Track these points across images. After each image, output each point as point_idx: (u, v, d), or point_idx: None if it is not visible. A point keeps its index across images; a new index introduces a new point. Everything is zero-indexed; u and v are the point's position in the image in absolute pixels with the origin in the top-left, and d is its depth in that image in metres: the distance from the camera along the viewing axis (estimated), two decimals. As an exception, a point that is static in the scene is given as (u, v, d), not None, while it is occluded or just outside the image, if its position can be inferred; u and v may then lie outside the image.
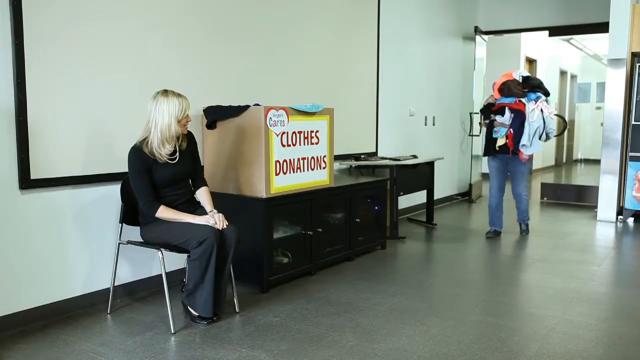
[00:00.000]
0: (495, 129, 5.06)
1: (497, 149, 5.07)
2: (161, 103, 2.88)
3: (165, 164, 2.96)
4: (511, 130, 4.96)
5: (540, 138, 4.98)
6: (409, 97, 6.45)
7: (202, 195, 3.16)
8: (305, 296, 3.51)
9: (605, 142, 6.18)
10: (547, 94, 5.03)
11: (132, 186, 2.95)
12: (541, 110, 4.89)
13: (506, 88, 4.99)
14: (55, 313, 3.08)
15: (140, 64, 3.40)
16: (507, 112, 4.99)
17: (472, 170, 7.77)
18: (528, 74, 5.11)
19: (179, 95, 2.94)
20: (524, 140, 4.90)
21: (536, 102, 4.91)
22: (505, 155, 5.09)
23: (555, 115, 11.71)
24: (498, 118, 5.04)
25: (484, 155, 5.25)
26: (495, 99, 5.08)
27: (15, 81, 2.81)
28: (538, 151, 5.04)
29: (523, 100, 4.93)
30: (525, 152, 4.93)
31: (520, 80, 5.03)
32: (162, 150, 2.92)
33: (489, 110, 5.12)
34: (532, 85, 5.00)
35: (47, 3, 2.92)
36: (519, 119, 4.92)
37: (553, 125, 5.06)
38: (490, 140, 5.15)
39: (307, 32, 4.78)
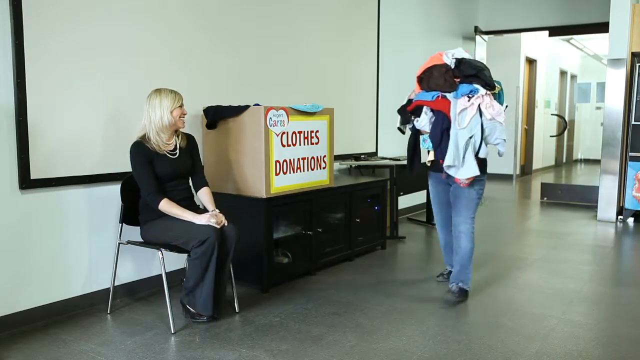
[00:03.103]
0: (422, 136, 3.46)
1: (428, 164, 3.55)
2: (154, 99, 2.97)
3: (165, 159, 2.99)
4: (429, 142, 3.38)
5: (478, 153, 3.28)
6: (409, 97, 6.45)
7: (204, 196, 3.17)
8: (305, 296, 3.51)
9: (605, 142, 6.18)
10: (489, 85, 3.30)
11: (136, 178, 2.98)
12: (479, 110, 3.25)
13: (427, 77, 3.37)
14: (55, 313, 3.08)
15: (140, 64, 3.40)
16: (424, 115, 3.36)
17: (472, 170, 7.76)
18: (464, 56, 3.42)
19: (171, 91, 3.01)
20: (449, 157, 3.24)
21: (470, 98, 3.25)
22: (439, 174, 3.49)
23: (555, 115, 11.82)
24: (416, 123, 3.44)
25: (408, 171, 3.61)
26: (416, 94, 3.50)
27: (15, 81, 2.81)
28: (475, 175, 3.28)
29: (449, 95, 3.29)
30: (453, 174, 3.30)
31: (453, 65, 3.35)
32: (160, 140, 2.96)
33: (406, 111, 3.52)
34: (465, 74, 3.30)
35: (47, 3, 2.92)
36: (441, 124, 3.27)
37: (501, 132, 3.29)
38: (414, 151, 3.53)
39: (307, 32, 4.78)
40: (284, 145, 3.63)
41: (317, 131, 3.92)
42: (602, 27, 6.65)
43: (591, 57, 13.82)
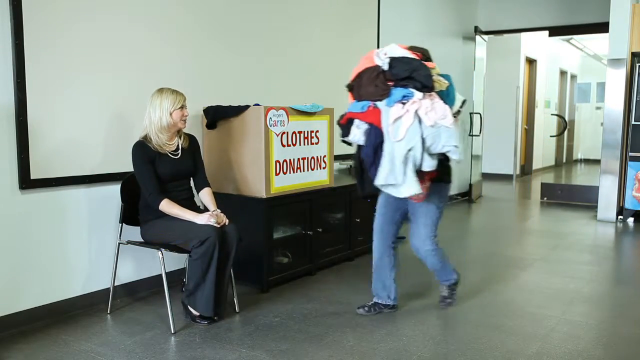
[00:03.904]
0: None
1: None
2: (155, 99, 2.97)
3: (167, 159, 3.00)
4: (364, 158, 2.83)
5: (421, 166, 2.75)
6: (409, 97, 6.45)
7: (205, 196, 3.17)
8: (305, 296, 3.51)
9: (605, 142, 6.18)
10: (427, 86, 2.75)
11: (138, 178, 2.98)
12: (418, 117, 2.72)
13: (356, 85, 2.87)
14: (55, 313, 3.08)
15: (140, 64, 3.40)
16: (356, 128, 2.84)
17: (472, 170, 7.77)
18: (399, 54, 2.83)
19: (173, 91, 3.00)
20: (381, 175, 2.73)
21: (405, 104, 2.73)
22: None
23: (555, 115, 11.82)
24: (351, 139, 2.91)
25: (361, 194, 3.05)
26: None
27: (15, 81, 2.81)
28: (417, 192, 2.77)
29: (380, 104, 2.78)
30: (392, 193, 2.79)
31: (386, 67, 2.80)
32: (160, 140, 2.96)
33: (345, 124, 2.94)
34: (397, 77, 2.76)
35: (47, 3, 2.92)
36: (374, 139, 2.77)
37: (449, 138, 2.75)
38: (362, 169, 2.92)
39: (308, 32, 4.78)
40: (284, 145, 3.63)
41: (317, 131, 3.92)
42: (602, 27, 6.64)
43: (591, 57, 13.82)
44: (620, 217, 6.14)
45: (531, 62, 10.92)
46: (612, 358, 2.66)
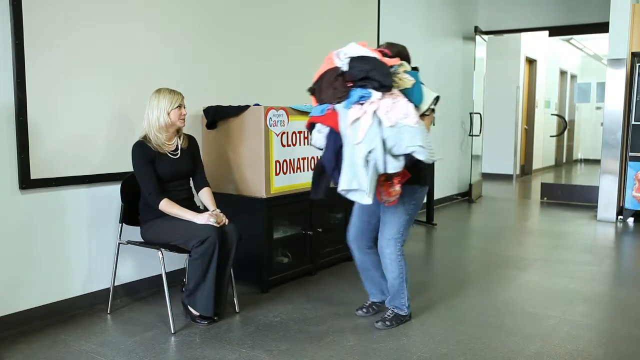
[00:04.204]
0: None
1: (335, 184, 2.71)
2: (153, 99, 2.98)
3: (166, 159, 3.00)
4: (325, 163, 2.73)
5: (386, 168, 2.60)
6: (409, 97, 6.44)
7: (205, 196, 3.17)
8: (305, 296, 3.51)
9: (605, 142, 6.18)
10: (384, 86, 2.60)
11: (137, 178, 2.98)
12: (378, 118, 2.58)
13: (318, 88, 2.76)
14: (55, 313, 3.08)
15: (140, 64, 3.40)
16: (317, 133, 2.77)
17: (472, 170, 7.77)
18: (358, 53, 2.71)
19: (171, 91, 3.01)
20: (344, 180, 2.60)
21: (363, 105, 2.60)
22: None
23: (555, 115, 11.82)
24: (313, 143, 2.85)
25: (313, 196, 2.86)
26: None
27: (15, 81, 2.81)
28: (388, 200, 2.79)
29: (338, 106, 2.66)
30: (358, 200, 2.63)
31: (347, 67, 2.67)
32: (159, 140, 2.97)
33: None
34: (355, 78, 2.63)
35: (47, 3, 2.92)
36: (333, 144, 2.69)
37: (413, 138, 2.58)
38: (321, 171, 2.80)
39: (307, 32, 4.78)
40: (284, 145, 3.63)
41: (317, 131, 3.92)
42: (602, 27, 6.64)
43: (591, 57, 13.82)
44: (620, 217, 6.14)
45: (531, 62, 10.92)
46: (612, 358, 2.66)
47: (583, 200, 7.22)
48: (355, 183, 2.57)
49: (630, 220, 6.11)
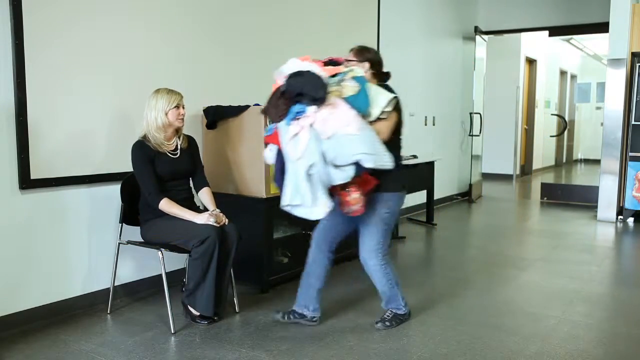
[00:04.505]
0: None
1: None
2: (152, 100, 2.99)
3: (166, 158, 3.01)
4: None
5: (332, 180, 2.58)
6: (409, 97, 6.43)
7: (204, 196, 3.17)
8: (305, 296, 3.51)
9: (605, 142, 6.18)
10: (317, 99, 2.55)
11: (137, 177, 2.98)
12: (315, 131, 2.56)
13: (266, 108, 2.73)
14: (55, 313, 3.08)
15: (140, 64, 3.40)
16: (269, 151, 2.79)
17: (472, 170, 7.78)
18: (297, 69, 2.64)
19: (169, 90, 3.01)
20: (286, 196, 2.58)
21: (299, 120, 2.58)
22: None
23: (555, 115, 11.81)
24: (267, 160, 2.86)
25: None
26: None
27: (15, 81, 2.81)
28: (352, 209, 2.72)
29: (280, 125, 2.64)
30: (304, 215, 2.60)
31: (285, 86, 2.65)
32: (158, 139, 2.97)
33: None
34: (291, 95, 2.60)
35: (47, 3, 2.92)
36: (280, 162, 2.70)
37: (356, 146, 2.53)
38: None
39: (307, 32, 4.78)
40: (284, 145, 3.63)
41: (317, 131, 3.92)
42: (602, 27, 6.64)
43: (591, 57, 13.82)
44: (620, 217, 6.14)
45: (531, 62, 10.92)
46: (612, 358, 2.66)
47: (583, 200, 7.22)
48: (298, 198, 2.54)
49: (630, 220, 6.11)
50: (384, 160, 2.61)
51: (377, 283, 2.97)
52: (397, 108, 2.83)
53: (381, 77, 2.98)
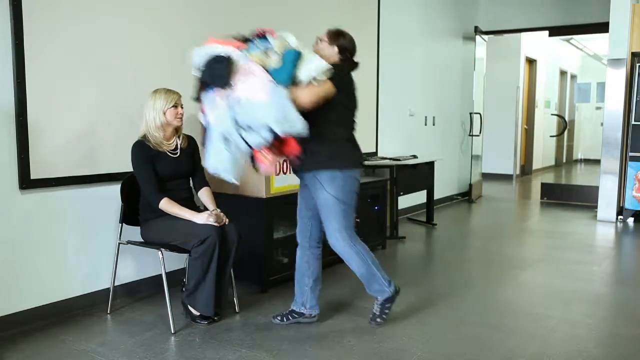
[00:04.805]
0: None
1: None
2: (150, 100, 3.00)
3: (166, 158, 3.01)
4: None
5: (248, 145, 2.58)
6: (409, 97, 6.45)
7: (204, 196, 3.17)
8: (305, 296, 3.51)
9: (605, 142, 6.18)
10: (218, 83, 2.61)
11: (137, 177, 2.99)
12: (228, 97, 2.59)
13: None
14: (55, 313, 3.08)
15: (140, 64, 3.40)
16: (201, 119, 2.82)
17: (472, 170, 7.77)
18: (207, 54, 2.81)
19: (167, 90, 3.02)
20: (210, 160, 2.64)
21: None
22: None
23: (555, 115, 11.81)
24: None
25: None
26: None
27: (15, 81, 2.81)
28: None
29: (201, 95, 2.74)
30: (227, 179, 2.64)
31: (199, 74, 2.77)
32: (157, 139, 2.98)
33: None
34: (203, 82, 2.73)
35: (46, 3, 2.92)
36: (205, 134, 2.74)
37: (266, 111, 2.51)
38: None
39: (307, 32, 4.77)
40: (284, 145, 3.63)
41: (317, 131, 3.91)
42: (602, 27, 6.64)
43: (591, 57, 13.82)
44: (620, 217, 6.13)
45: (531, 62, 10.92)
46: (612, 358, 2.66)
47: (583, 200, 7.22)
48: (219, 163, 2.60)
49: (630, 220, 6.11)
50: (295, 127, 2.55)
51: (352, 266, 2.88)
52: (335, 82, 2.71)
53: (351, 66, 2.91)
